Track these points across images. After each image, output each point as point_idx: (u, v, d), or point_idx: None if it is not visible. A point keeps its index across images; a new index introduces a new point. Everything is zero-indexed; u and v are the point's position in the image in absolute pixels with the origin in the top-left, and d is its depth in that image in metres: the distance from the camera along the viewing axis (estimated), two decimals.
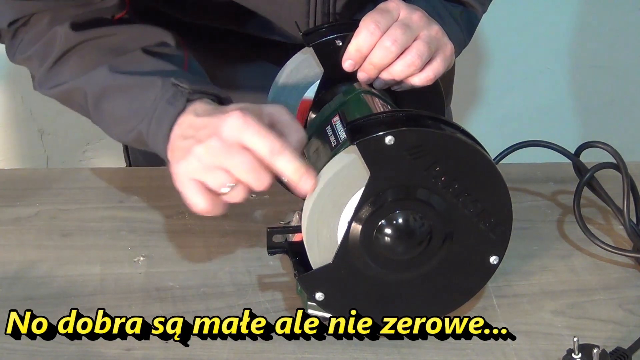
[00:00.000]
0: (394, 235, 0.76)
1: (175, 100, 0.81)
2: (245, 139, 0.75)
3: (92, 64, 0.88)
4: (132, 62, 0.87)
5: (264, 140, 0.75)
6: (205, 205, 0.78)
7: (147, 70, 0.86)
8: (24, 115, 1.97)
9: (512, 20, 2.02)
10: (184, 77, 0.84)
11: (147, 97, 0.83)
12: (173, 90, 0.82)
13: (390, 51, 0.85)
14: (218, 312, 0.86)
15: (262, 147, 0.75)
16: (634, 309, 0.87)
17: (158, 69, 0.86)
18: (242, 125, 0.75)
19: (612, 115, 2.16)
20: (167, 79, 0.83)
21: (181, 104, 0.81)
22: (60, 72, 0.90)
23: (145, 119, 0.83)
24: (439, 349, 0.81)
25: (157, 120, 0.82)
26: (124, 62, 0.87)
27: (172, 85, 0.82)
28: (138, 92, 0.84)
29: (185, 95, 0.81)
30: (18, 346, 0.82)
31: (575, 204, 0.93)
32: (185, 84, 0.82)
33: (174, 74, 0.85)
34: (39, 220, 1.00)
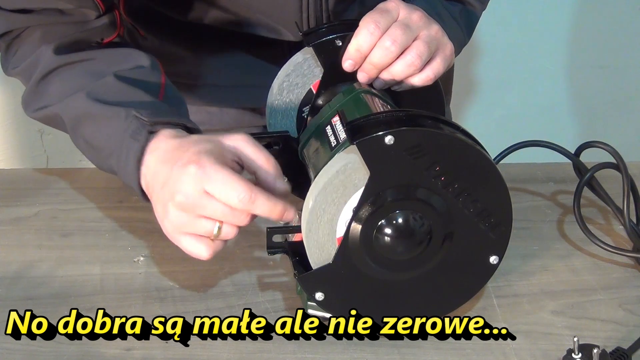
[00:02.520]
0: (394, 235, 0.76)
1: (137, 134, 0.80)
2: (210, 190, 0.74)
3: (71, 89, 0.87)
4: (104, 89, 0.86)
5: (229, 190, 0.74)
6: (206, 252, 0.78)
7: (116, 100, 0.85)
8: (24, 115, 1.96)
9: (512, 20, 2.02)
10: (150, 106, 0.83)
11: (114, 129, 0.82)
12: (136, 124, 0.81)
13: (390, 51, 0.85)
14: (218, 312, 0.86)
15: (230, 198, 0.74)
16: (634, 309, 0.87)
17: (126, 99, 0.85)
18: (201, 178, 0.74)
19: (612, 115, 2.16)
20: (130, 110, 0.82)
21: (143, 138, 0.80)
22: (43, 94, 0.90)
23: (114, 154, 0.83)
24: (439, 349, 0.81)
25: (124, 156, 0.81)
26: (98, 89, 0.86)
27: (134, 117, 0.81)
28: (106, 123, 0.84)
29: (146, 127, 0.80)
30: (18, 346, 0.82)
31: (575, 204, 0.93)
32: (146, 115, 0.81)
33: (140, 104, 0.84)
34: (39, 220, 1.00)
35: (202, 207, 0.75)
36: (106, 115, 0.84)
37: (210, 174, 0.74)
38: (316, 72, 0.90)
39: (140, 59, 0.91)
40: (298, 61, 0.91)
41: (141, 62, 0.90)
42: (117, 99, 0.85)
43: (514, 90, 2.11)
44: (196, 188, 0.74)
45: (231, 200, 0.74)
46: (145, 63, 0.90)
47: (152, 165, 0.79)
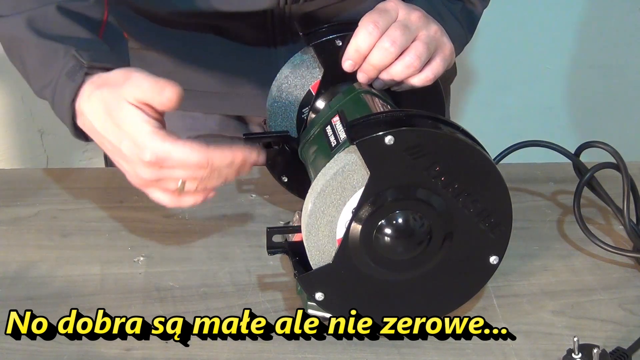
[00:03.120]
0: (394, 235, 0.76)
1: (73, 74, 0.82)
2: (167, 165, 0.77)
3: (8, 5, 0.87)
4: (44, 19, 0.86)
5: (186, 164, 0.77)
6: (170, 203, 0.81)
7: (55, 34, 0.85)
8: (24, 115, 1.97)
9: (512, 20, 2.02)
10: (89, 46, 0.84)
11: (51, 65, 0.83)
12: (73, 63, 0.82)
13: (390, 52, 0.85)
14: (218, 312, 0.86)
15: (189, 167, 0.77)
16: (634, 309, 0.87)
17: (66, 34, 0.85)
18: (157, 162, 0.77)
19: (612, 115, 2.16)
20: (69, 49, 0.83)
21: (79, 79, 0.81)
22: None
23: (49, 87, 0.84)
24: (439, 349, 0.81)
25: (59, 93, 0.83)
26: (38, 18, 0.86)
27: (72, 57, 0.82)
28: (44, 57, 0.84)
29: (83, 69, 0.81)
30: (18, 346, 0.82)
31: (575, 204, 0.93)
32: (86, 57, 0.82)
33: (79, 42, 0.84)
34: (39, 220, 1.00)
35: (164, 178, 0.79)
36: (45, 49, 0.84)
37: (162, 154, 0.76)
38: (315, 73, 0.90)
39: None
40: (297, 62, 0.91)
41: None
42: (56, 33, 0.85)
43: (514, 90, 2.11)
44: (153, 169, 0.77)
45: (190, 168, 0.77)
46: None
47: (88, 112, 0.80)
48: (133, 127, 0.77)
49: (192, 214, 0.99)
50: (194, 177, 0.78)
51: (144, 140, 0.77)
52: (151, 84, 0.77)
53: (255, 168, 1.08)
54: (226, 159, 0.78)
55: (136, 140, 0.77)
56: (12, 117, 1.98)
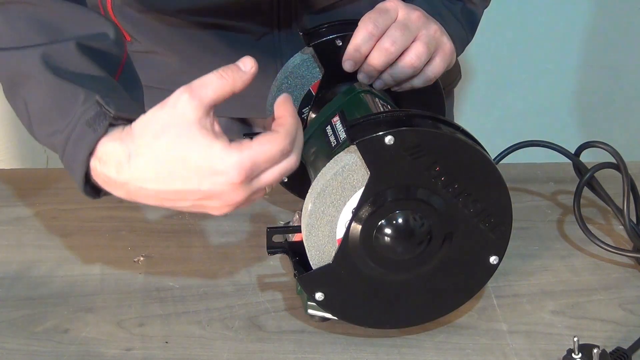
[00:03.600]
0: (394, 235, 0.76)
1: (96, 123, 0.72)
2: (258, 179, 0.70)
3: (20, 39, 0.78)
4: (63, 57, 0.77)
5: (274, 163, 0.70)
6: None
7: (73, 76, 0.76)
8: None
9: (512, 20, 2.02)
10: (112, 93, 0.75)
11: (68, 110, 0.74)
12: (96, 111, 0.72)
13: (390, 52, 0.85)
14: (218, 312, 0.86)
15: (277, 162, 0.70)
16: (634, 309, 0.87)
17: (86, 76, 0.76)
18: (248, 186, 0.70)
19: (612, 115, 2.16)
20: (91, 95, 0.73)
21: (102, 129, 0.71)
22: None
23: (62, 134, 0.74)
24: (439, 349, 0.81)
25: (73, 142, 0.73)
26: (56, 55, 0.77)
27: (95, 103, 0.72)
28: (59, 100, 0.75)
29: (108, 119, 0.71)
30: (18, 346, 0.82)
31: (575, 204, 0.93)
32: (112, 105, 0.71)
33: (101, 87, 0.75)
34: (39, 220, 1.00)
35: (257, 190, 0.71)
36: (61, 90, 0.75)
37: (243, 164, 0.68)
38: (315, 73, 0.90)
39: (105, 27, 0.81)
40: (297, 62, 0.91)
41: (105, 30, 0.81)
42: (75, 73, 0.76)
43: (514, 90, 2.11)
44: (246, 188, 0.70)
45: (277, 159, 0.70)
46: (109, 32, 0.81)
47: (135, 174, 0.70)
48: (203, 154, 0.68)
49: (192, 214, 0.99)
50: (283, 173, 0.71)
51: (222, 160, 0.68)
52: (217, 72, 0.69)
53: None
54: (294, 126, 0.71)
55: (215, 168, 0.68)
56: (12, 117, 1.97)
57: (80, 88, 0.74)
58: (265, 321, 0.85)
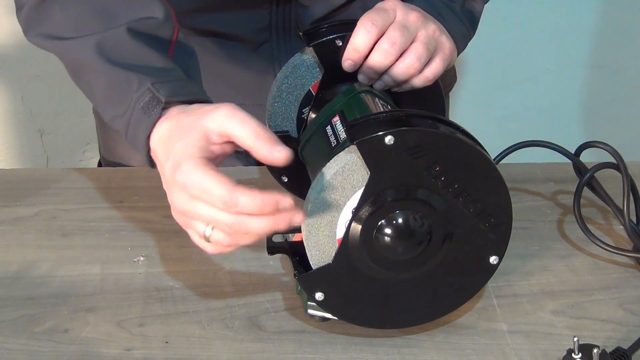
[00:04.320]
0: (394, 235, 0.76)
1: (150, 109, 0.78)
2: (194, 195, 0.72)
3: (77, 26, 0.83)
4: (115, 44, 0.82)
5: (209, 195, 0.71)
6: (208, 248, 0.75)
7: (127, 62, 0.81)
8: (24, 115, 1.97)
9: (512, 20, 2.02)
10: (165, 77, 0.80)
11: (124, 96, 0.79)
12: (149, 96, 0.78)
13: (390, 54, 0.85)
14: (218, 312, 0.86)
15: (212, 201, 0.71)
16: (634, 309, 0.87)
17: (138, 61, 0.81)
18: (184, 185, 0.72)
19: (612, 115, 2.16)
20: (144, 81, 0.79)
21: (156, 114, 0.77)
22: (44, 18, 0.85)
23: (122, 119, 0.80)
24: (439, 349, 0.81)
25: (133, 127, 0.79)
26: (108, 43, 0.81)
27: (147, 90, 0.78)
28: (116, 87, 0.80)
29: (161, 104, 0.77)
30: (18, 346, 0.82)
31: (575, 204, 0.93)
32: (163, 92, 0.78)
33: (154, 72, 0.80)
34: (39, 220, 1.00)
35: (192, 212, 0.73)
36: (116, 78, 0.80)
37: (191, 180, 0.71)
38: (315, 73, 0.90)
39: (154, 9, 0.85)
40: (296, 63, 0.91)
41: (154, 13, 0.84)
42: (128, 60, 0.81)
43: (514, 90, 2.11)
44: (183, 195, 0.73)
45: (215, 204, 0.71)
46: (158, 14, 0.85)
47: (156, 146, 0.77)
48: (183, 149, 0.73)
49: None
50: (217, 222, 0.71)
51: (182, 161, 0.72)
52: (254, 128, 0.72)
53: (255, 168, 1.09)
54: (253, 203, 0.70)
55: (177, 159, 0.73)
56: (12, 117, 1.98)
57: (133, 74, 0.79)
58: (265, 321, 0.85)
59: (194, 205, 0.72)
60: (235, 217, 0.70)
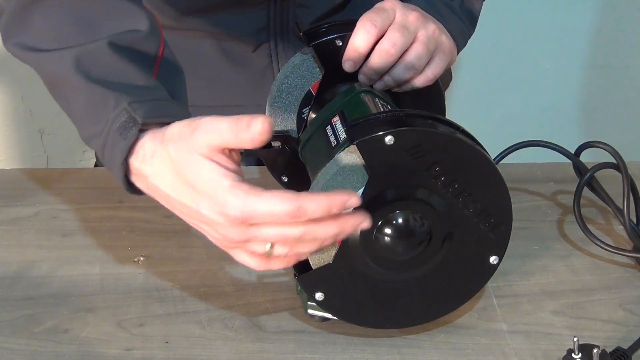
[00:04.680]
0: (394, 235, 0.76)
1: (125, 130, 0.72)
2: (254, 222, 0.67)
3: (56, 37, 0.78)
4: (94, 59, 0.77)
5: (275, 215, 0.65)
6: (257, 267, 0.71)
7: (106, 78, 0.76)
8: (24, 115, 1.97)
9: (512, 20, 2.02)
10: (143, 96, 0.75)
11: (100, 115, 0.74)
12: (125, 118, 0.72)
13: (390, 55, 0.85)
14: (218, 312, 0.86)
15: (279, 218, 0.66)
16: (634, 309, 0.87)
17: (117, 78, 0.76)
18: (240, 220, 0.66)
19: (612, 115, 2.16)
20: (121, 100, 0.73)
21: (132, 136, 0.72)
22: (24, 27, 0.80)
23: (99, 139, 0.75)
24: (439, 349, 0.81)
25: (109, 148, 0.74)
26: (88, 57, 0.76)
27: (124, 110, 0.73)
28: (92, 105, 0.75)
29: (137, 126, 0.72)
30: (18, 346, 0.82)
31: (575, 204, 0.93)
32: (140, 112, 0.72)
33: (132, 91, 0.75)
34: (39, 220, 1.00)
35: (252, 237, 0.68)
36: (93, 95, 0.75)
37: (250, 209, 0.66)
38: (315, 73, 0.90)
39: (139, 20, 0.80)
40: (296, 63, 0.91)
41: (139, 25, 0.79)
42: (107, 77, 0.75)
43: (514, 90, 2.11)
44: (241, 228, 0.67)
45: (282, 220, 0.66)
46: (143, 27, 0.79)
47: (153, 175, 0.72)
48: (210, 183, 0.67)
49: None
50: (285, 238, 0.67)
51: (225, 197, 0.66)
52: (230, 122, 0.66)
53: (255, 168, 1.09)
54: (320, 203, 0.65)
55: (216, 198, 0.67)
56: (12, 117, 1.98)
57: (111, 92, 0.74)
58: (265, 321, 0.85)
59: (254, 232, 0.68)
60: (304, 228, 0.67)
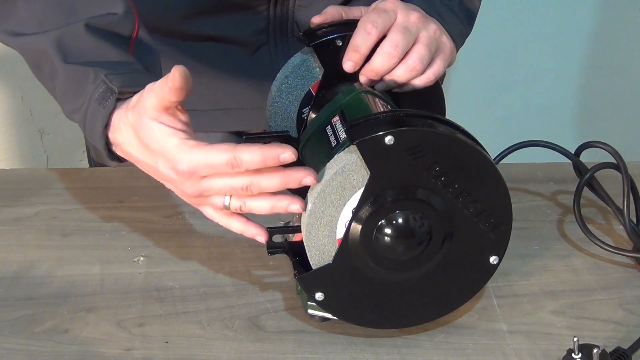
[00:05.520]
0: (394, 235, 0.76)
1: (104, 100, 0.79)
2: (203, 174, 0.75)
3: (39, 21, 0.84)
4: (73, 40, 0.83)
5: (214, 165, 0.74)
6: (221, 221, 0.79)
7: (85, 57, 0.82)
8: (24, 115, 1.97)
9: (512, 20, 2.02)
10: (120, 69, 0.81)
11: (81, 89, 0.80)
12: (103, 88, 0.79)
13: (392, 56, 0.85)
14: (218, 312, 0.86)
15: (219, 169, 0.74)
16: (634, 309, 0.87)
17: (95, 56, 0.82)
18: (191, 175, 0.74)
19: (612, 115, 2.16)
20: (99, 73, 0.80)
21: (110, 105, 0.78)
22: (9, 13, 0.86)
23: (79, 112, 0.81)
24: (439, 349, 0.81)
25: (89, 119, 0.80)
26: (67, 39, 0.83)
27: (102, 81, 0.79)
28: (73, 81, 0.82)
29: (114, 95, 0.78)
30: (18, 346, 0.82)
31: (575, 204, 0.93)
32: (116, 82, 0.79)
33: (109, 65, 0.81)
34: (39, 220, 1.00)
35: (206, 190, 0.75)
36: (74, 72, 0.82)
37: (193, 163, 0.73)
38: (315, 73, 0.90)
39: (113, 4, 0.85)
40: (296, 63, 0.91)
41: (114, 9, 0.85)
42: (85, 55, 0.82)
43: (514, 90, 2.11)
44: (193, 181, 0.75)
45: (224, 170, 0.73)
46: (118, 10, 0.85)
47: (122, 142, 0.79)
48: (160, 143, 0.75)
49: (192, 214, 0.99)
50: (233, 188, 0.75)
51: (174, 154, 0.74)
52: (160, 81, 0.74)
53: None
54: (255, 154, 0.73)
55: (167, 156, 0.75)
56: (12, 117, 1.98)
57: (90, 68, 0.80)
58: (265, 321, 0.85)
59: (206, 184, 0.75)
60: (248, 178, 0.74)
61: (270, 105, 0.92)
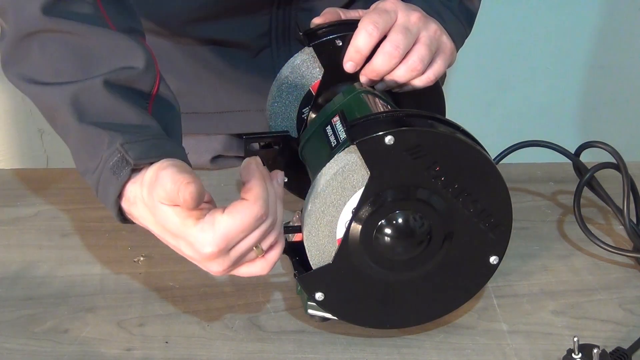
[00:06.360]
0: (394, 235, 0.76)
1: (118, 170, 0.74)
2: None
3: (55, 72, 0.79)
4: (90, 97, 0.77)
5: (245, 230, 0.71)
6: (262, 270, 0.75)
7: (101, 118, 0.77)
8: (24, 115, 1.97)
9: (512, 19, 2.02)
10: (137, 136, 0.75)
11: (95, 152, 0.76)
12: (118, 156, 0.74)
13: (393, 57, 0.85)
14: (218, 312, 0.86)
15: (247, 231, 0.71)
16: (634, 309, 0.87)
17: (112, 118, 0.77)
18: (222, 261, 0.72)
19: (612, 115, 2.16)
20: (115, 139, 0.75)
21: (125, 176, 0.74)
22: (24, 58, 0.81)
23: (92, 175, 0.76)
24: (439, 349, 0.81)
25: (102, 186, 0.76)
26: (84, 95, 0.77)
27: (117, 149, 0.74)
28: (87, 141, 0.77)
29: (130, 166, 0.73)
30: (18, 346, 0.82)
31: (575, 204, 0.93)
32: (132, 153, 0.74)
33: (126, 130, 0.76)
34: (39, 220, 1.00)
35: (239, 255, 0.73)
36: (89, 134, 0.77)
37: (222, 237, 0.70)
38: (315, 73, 0.90)
39: (135, 57, 0.80)
40: (296, 63, 0.91)
41: (135, 63, 0.79)
42: (102, 117, 0.77)
43: (514, 90, 2.11)
44: (225, 256, 0.72)
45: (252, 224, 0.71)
46: (139, 64, 0.79)
47: (139, 218, 0.75)
48: (178, 227, 0.71)
49: None
50: (264, 233, 0.72)
51: (195, 236, 0.70)
52: (173, 183, 0.69)
53: None
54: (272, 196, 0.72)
55: (188, 239, 0.71)
56: (12, 117, 1.98)
57: (105, 132, 0.76)
58: (265, 321, 0.85)
59: (235, 252, 0.72)
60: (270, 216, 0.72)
61: (270, 105, 0.92)
